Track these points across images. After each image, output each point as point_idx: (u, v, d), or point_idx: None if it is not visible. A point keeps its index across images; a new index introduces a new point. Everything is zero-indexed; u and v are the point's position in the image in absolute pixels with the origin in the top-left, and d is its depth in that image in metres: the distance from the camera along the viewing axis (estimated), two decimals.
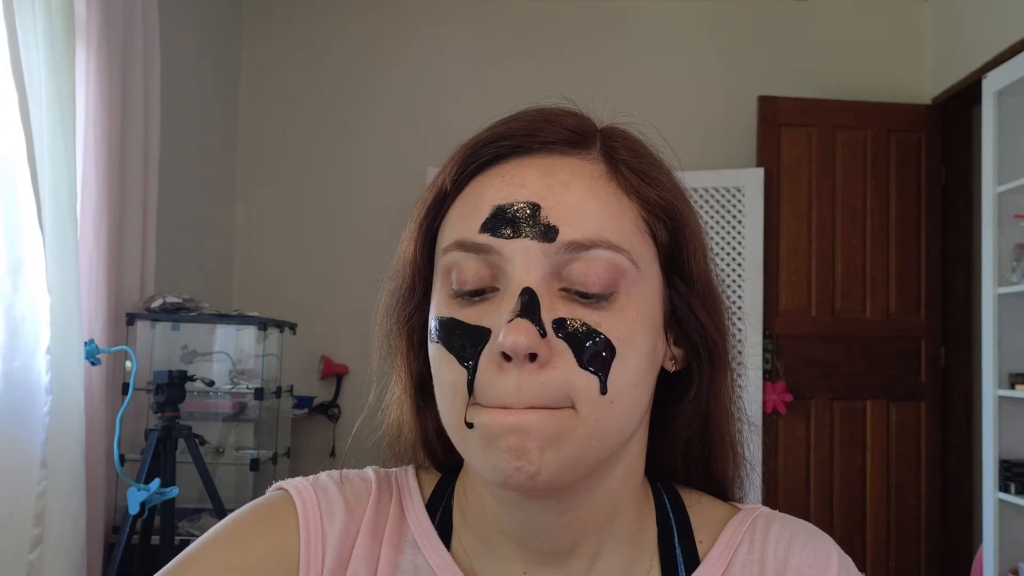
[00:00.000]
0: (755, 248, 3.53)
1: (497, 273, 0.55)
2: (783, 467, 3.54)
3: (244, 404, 2.90)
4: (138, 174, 2.75)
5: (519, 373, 0.52)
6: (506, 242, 0.54)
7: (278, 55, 3.92)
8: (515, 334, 0.51)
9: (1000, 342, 2.78)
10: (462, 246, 0.56)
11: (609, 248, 0.54)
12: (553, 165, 0.57)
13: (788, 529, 0.62)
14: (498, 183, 0.56)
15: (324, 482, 0.64)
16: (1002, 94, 2.83)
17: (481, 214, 0.55)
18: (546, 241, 0.54)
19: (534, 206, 0.54)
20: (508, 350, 0.51)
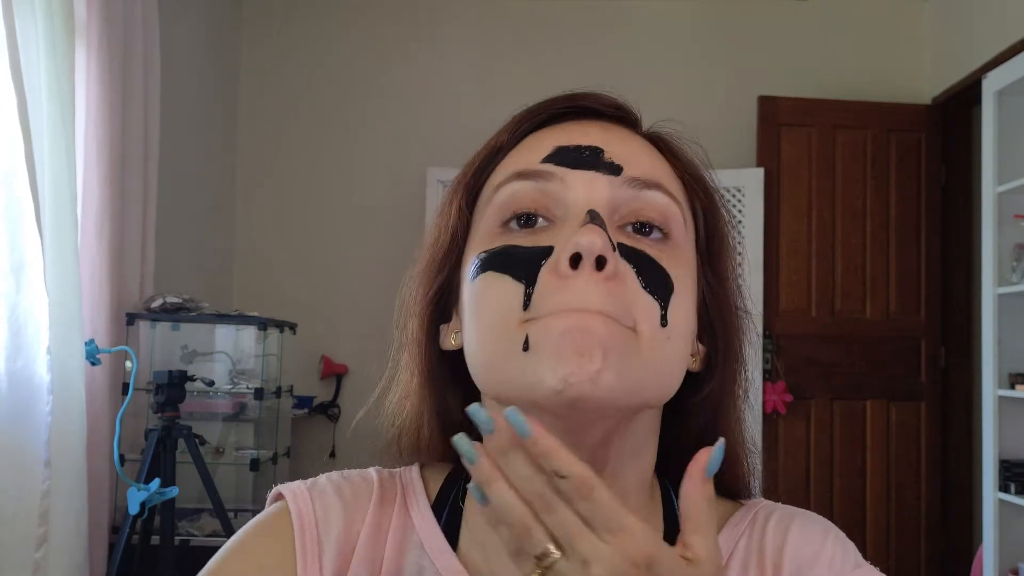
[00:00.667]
0: (755, 248, 3.53)
1: (555, 204, 0.54)
2: (783, 467, 3.54)
3: (244, 404, 2.90)
4: (138, 174, 2.75)
5: (586, 280, 0.50)
6: (570, 171, 0.54)
7: (278, 55, 3.92)
8: (590, 235, 0.49)
9: (1000, 342, 2.78)
10: (521, 175, 0.55)
11: (666, 194, 0.56)
12: (610, 127, 0.59)
13: (787, 517, 0.62)
14: (557, 133, 0.58)
15: (322, 485, 0.63)
16: (1002, 94, 2.83)
17: (542, 151, 0.56)
18: (611, 174, 0.55)
19: (597, 148, 0.56)
20: (583, 249, 0.49)
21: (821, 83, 3.77)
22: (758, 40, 3.86)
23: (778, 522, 0.61)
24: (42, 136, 2.23)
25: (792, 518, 0.62)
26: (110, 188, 2.56)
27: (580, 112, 0.60)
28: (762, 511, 0.63)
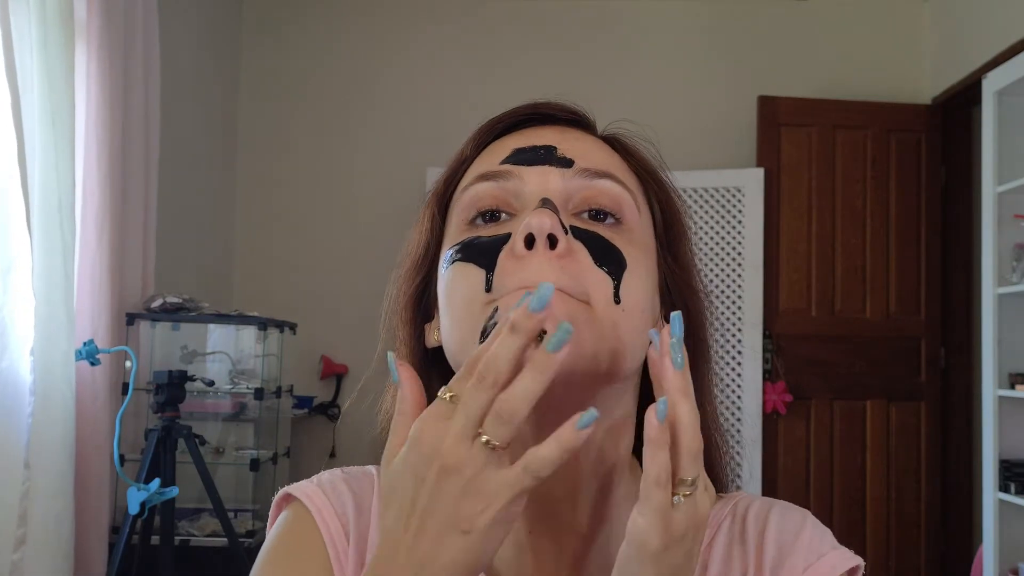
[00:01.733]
0: (755, 248, 3.53)
1: (514, 198, 0.59)
2: (783, 467, 3.54)
3: (244, 404, 2.90)
4: (138, 174, 2.75)
5: (540, 259, 0.53)
6: (526, 168, 0.59)
7: (278, 55, 3.92)
8: (539, 217, 0.53)
9: (1000, 342, 2.78)
10: (483, 176, 0.60)
11: (617, 182, 0.60)
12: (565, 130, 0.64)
13: (766, 505, 0.65)
14: (516, 138, 0.63)
15: (329, 480, 0.66)
16: (1002, 94, 2.83)
17: (502, 155, 0.61)
18: (563, 167, 0.59)
19: (551, 147, 0.60)
20: (534, 230, 0.53)
21: (821, 83, 3.77)
22: (758, 40, 3.86)
23: (758, 510, 0.64)
24: (34, 137, 2.23)
25: (772, 506, 0.65)
26: (110, 188, 2.56)
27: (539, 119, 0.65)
28: (742, 501, 0.66)
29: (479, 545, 0.47)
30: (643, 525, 0.48)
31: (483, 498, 0.46)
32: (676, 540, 0.48)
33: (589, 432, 0.46)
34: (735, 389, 3.52)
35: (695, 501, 0.49)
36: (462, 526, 0.46)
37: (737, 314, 3.54)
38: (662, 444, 0.48)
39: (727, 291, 3.55)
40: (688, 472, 0.49)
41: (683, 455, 0.48)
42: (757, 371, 3.50)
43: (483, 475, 0.47)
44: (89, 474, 2.43)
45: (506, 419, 0.46)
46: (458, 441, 0.47)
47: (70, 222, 2.40)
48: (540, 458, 0.46)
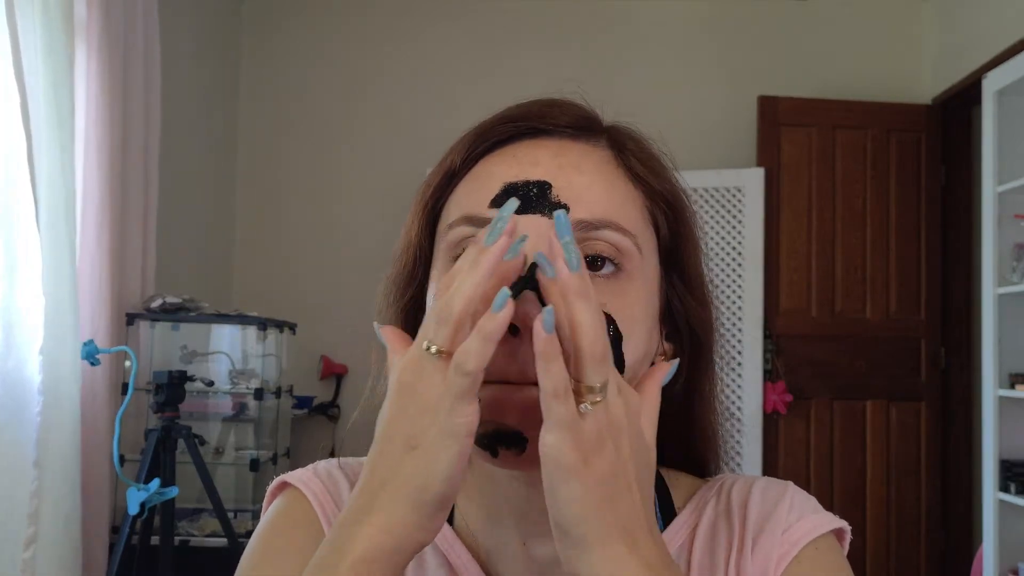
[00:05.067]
0: (755, 248, 3.53)
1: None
2: (783, 467, 3.54)
3: (244, 404, 2.90)
4: (138, 174, 2.75)
5: (525, 348, 0.49)
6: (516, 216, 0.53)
7: (278, 55, 3.92)
8: (525, 306, 0.49)
9: (1000, 342, 2.78)
10: (470, 220, 0.56)
11: (617, 230, 0.56)
12: (564, 147, 0.58)
13: (749, 480, 0.65)
14: (509, 161, 0.57)
15: (324, 467, 0.68)
16: (1002, 94, 2.83)
17: (490, 190, 0.56)
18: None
19: (545, 184, 0.55)
20: (519, 322, 0.49)
21: (821, 83, 3.77)
22: (758, 40, 3.86)
23: (742, 485, 0.65)
24: (40, 137, 2.23)
25: (755, 480, 0.65)
26: (110, 188, 2.56)
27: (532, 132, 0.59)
28: (727, 480, 0.66)
29: (430, 459, 0.47)
30: (551, 442, 0.45)
31: (430, 411, 0.47)
32: (593, 450, 0.46)
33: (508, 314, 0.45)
34: (735, 389, 3.52)
35: (606, 406, 0.46)
36: (411, 442, 0.47)
37: (737, 314, 3.54)
38: (552, 356, 0.45)
39: (727, 291, 3.55)
40: (593, 378, 0.46)
41: (585, 360, 0.46)
42: (757, 371, 3.50)
43: (430, 387, 0.47)
44: (90, 474, 2.43)
45: (444, 318, 0.47)
46: (411, 358, 0.48)
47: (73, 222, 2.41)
48: (464, 351, 0.45)
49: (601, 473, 0.46)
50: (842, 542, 0.63)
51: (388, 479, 0.48)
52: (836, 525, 0.62)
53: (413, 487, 0.47)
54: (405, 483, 0.47)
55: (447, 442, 0.46)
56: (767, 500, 0.62)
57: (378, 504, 0.48)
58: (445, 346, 0.47)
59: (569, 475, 0.46)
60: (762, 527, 0.61)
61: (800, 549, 0.59)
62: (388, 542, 0.47)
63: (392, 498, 0.47)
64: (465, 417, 0.46)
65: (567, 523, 0.46)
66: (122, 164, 2.64)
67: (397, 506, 0.47)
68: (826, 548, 0.60)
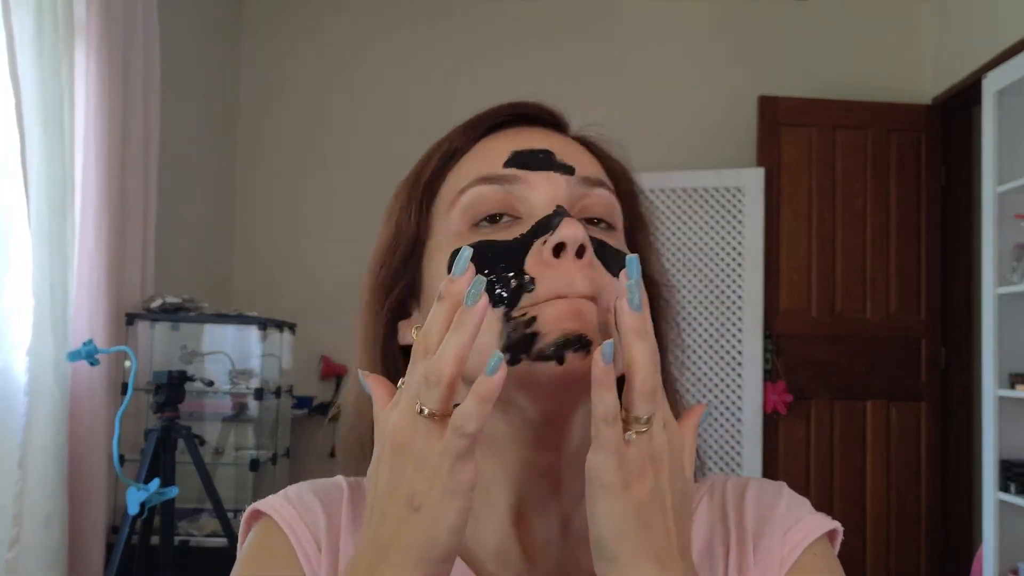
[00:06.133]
0: (755, 248, 3.53)
1: (519, 202, 0.59)
2: (783, 467, 3.54)
3: (244, 404, 2.90)
4: (138, 174, 2.75)
5: (570, 266, 0.54)
6: (532, 172, 0.60)
7: (278, 55, 3.92)
8: (572, 228, 0.54)
9: (1000, 342, 2.77)
10: (486, 179, 0.60)
11: (609, 190, 0.63)
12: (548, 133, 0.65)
13: (742, 481, 0.67)
14: (510, 137, 0.63)
15: (296, 491, 0.66)
16: (1002, 94, 2.82)
17: (500, 156, 0.61)
18: (566, 174, 0.60)
19: (549, 151, 0.61)
20: (567, 239, 0.54)
21: (821, 83, 3.77)
22: (758, 40, 3.86)
23: (735, 485, 0.66)
24: (35, 137, 2.23)
25: (748, 481, 0.66)
26: (110, 188, 2.55)
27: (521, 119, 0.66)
28: (718, 480, 0.67)
29: (432, 521, 0.48)
30: (596, 463, 0.49)
31: (429, 471, 0.48)
32: (635, 475, 0.49)
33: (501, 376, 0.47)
34: (735, 389, 3.52)
35: (650, 437, 0.49)
36: (413, 503, 0.48)
37: (737, 314, 3.54)
38: (607, 385, 0.48)
39: (727, 291, 3.55)
40: (641, 410, 0.49)
41: (636, 393, 0.49)
42: (757, 371, 3.50)
43: (427, 448, 0.48)
44: (86, 474, 2.43)
45: (434, 382, 0.48)
46: (403, 417, 0.50)
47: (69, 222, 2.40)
48: (462, 413, 0.47)
49: (639, 498, 0.49)
50: (833, 542, 0.64)
51: (394, 540, 0.49)
52: (831, 526, 0.63)
53: (420, 547, 0.48)
54: (411, 543, 0.48)
55: (451, 500, 0.48)
56: (763, 500, 0.64)
57: (385, 566, 0.49)
58: (437, 409, 0.48)
59: (610, 495, 0.48)
60: (763, 528, 0.62)
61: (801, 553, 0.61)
62: None
63: (400, 559, 0.48)
64: (467, 475, 0.48)
65: (603, 540, 0.49)
66: (122, 164, 2.64)
67: (405, 567, 0.48)
68: (822, 552, 0.62)
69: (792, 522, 0.62)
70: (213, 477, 2.39)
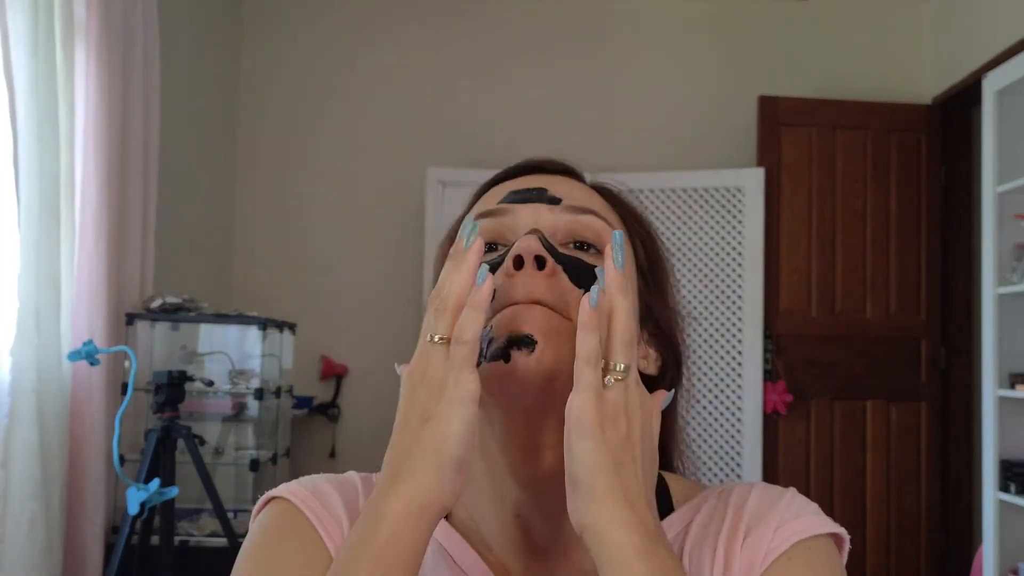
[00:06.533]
0: (755, 248, 3.53)
1: (508, 231, 0.66)
2: (783, 467, 3.54)
3: (244, 404, 2.90)
4: (138, 174, 2.75)
5: (526, 276, 0.60)
6: (519, 205, 0.66)
7: (278, 55, 3.92)
8: (527, 241, 0.60)
9: (1000, 342, 2.77)
10: (482, 215, 0.67)
11: (600, 218, 0.66)
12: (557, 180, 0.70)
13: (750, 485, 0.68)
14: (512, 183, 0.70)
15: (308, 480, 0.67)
16: (1002, 94, 2.82)
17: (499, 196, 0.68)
18: (552, 204, 0.66)
19: (542, 188, 0.68)
20: (522, 251, 0.59)
21: (821, 83, 3.77)
22: (758, 40, 3.86)
23: (741, 489, 0.67)
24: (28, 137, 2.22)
25: (755, 484, 0.68)
26: (109, 188, 2.55)
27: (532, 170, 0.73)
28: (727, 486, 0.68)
29: (443, 425, 0.54)
30: (577, 402, 0.53)
31: (438, 387, 0.55)
32: (610, 419, 0.54)
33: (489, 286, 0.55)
34: (735, 389, 3.52)
35: (626, 386, 0.55)
36: (425, 416, 0.55)
37: (737, 314, 3.54)
38: (591, 327, 0.54)
39: (727, 291, 3.55)
40: (619, 357, 0.55)
41: (615, 340, 0.55)
42: (757, 371, 3.50)
43: (436, 370, 0.55)
44: (86, 474, 2.43)
45: (441, 310, 0.56)
46: (419, 355, 0.57)
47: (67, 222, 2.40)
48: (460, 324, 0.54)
49: (612, 441, 0.53)
50: (841, 550, 0.63)
51: (409, 450, 0.54)
52: (834, 530, 0.63)
53: (431, 452, 0.53)
54: (424, 450, 0.54)
55: (456, 408, 0.54)
56: (765, 499, 0.64)
57: (403, 474, 0.54)
58: (446, 333, 0.56)
59: (587, 434, 0.53)
60: (757, 521, 0.62)
61: (791, 545, 0.60)
62: (415, 504, 0.53)
63: (414, 465, 0.54)
64: (470, 384, 0.54)
65: (580, 475, 0.53)
66: (121, 164, 2.63)
67: (420, 471, 0.53)
68: (821, 549, 0.61)
69: (788, 518, 0.62)
70: (213, 477, 2.39)
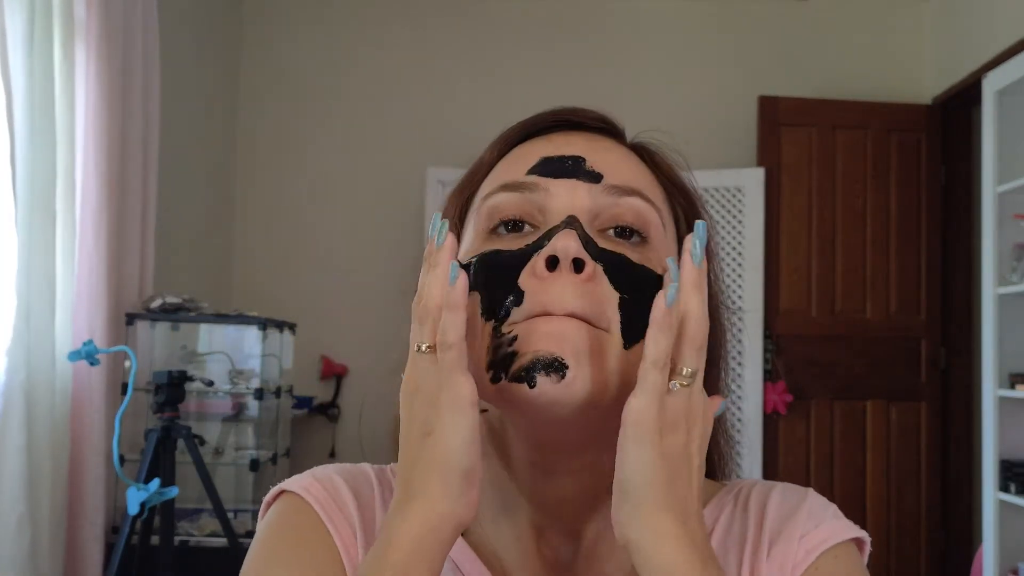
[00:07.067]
0: (755, 248, 3.53)
1: (539, 211, 0.57)
2: (783, 467, 3.54)
3: (244, 404, 2.90)
4: (138, 174, 2.75)
5: (563, 281, 0.52)
6: (553, 180, 0.57)
7: (278, 55, 3.92)
8: (565, 239, 0.52)
9: (1000, 342, 2.77)
10: (507, 187, 0.59)
11: (644, 200, 0.59)
12: (594, 137, 0.62)
13: (768, 485, 0.66)
14: (544, 143, 0.61)
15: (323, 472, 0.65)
16: (1002, 94, 2.82)
17: (527, 163, 0.59)
18: (591, 182, 0.58)
19: (580, 158, 0.59)
20: (559, 252, 0.52)
21: (821, 83, 3.77)
22: (758, 40, 3.86)
23: (761, 489, 0.65)
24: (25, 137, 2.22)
25: (774, 485, 0.66)
26: (109, 188, 2.55)
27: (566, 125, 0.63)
28: (746, 485, 0.66)
29: (444, 436, 0.50)
30: (637, 405, 0.49)
31: (432, 398, 0.51)
32: (670, 426, 0.49)
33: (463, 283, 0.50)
34: (735, 389, 3.52)
35: (690, 393, 0.50)
36: (425, 429, 0.51)
37: (737, 314, 3.54)
38: (665, 327, 0.48)
39: (727, 291, 3.55)
40: (688, 362, 0.50)
41: (686, 344, 0.50)
42: (757, 371, 3.50)
43: (429, 380, 0.51)
44: (86, 474, 2.43)
45: (423, 317, 0.52)
46: (410, 367, 0.53)
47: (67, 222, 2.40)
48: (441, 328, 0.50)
49: (671, 450, 0.49)
50: (862, 551, 0.62)
51: (414, 466, 0.51)
52: (855, 534, 0.61)
53: (436, 468, 0.50)
54: (428, 466, 0.51)
55: (454, 417, 0.50)
56: (785, 505, 0.62)
57: (411, 492, 0.51)
58: (431, 340, 0.51)
59: (644, 440, 0.49)
60: (779, 531, 0.60)
61: (817, 556, 0.59)
62: (428, 524, 0.50)
63: (422, 482, 0.51)
64: (463, 388, 0.50)
65: (632, 484, 0.49)
66: (121, 164, 2.63)
67: (428, 488, 0.50)
68: (845, 556, 0.60)
69: (811, 527, 0.60)
70: (213, 477, 2.39)
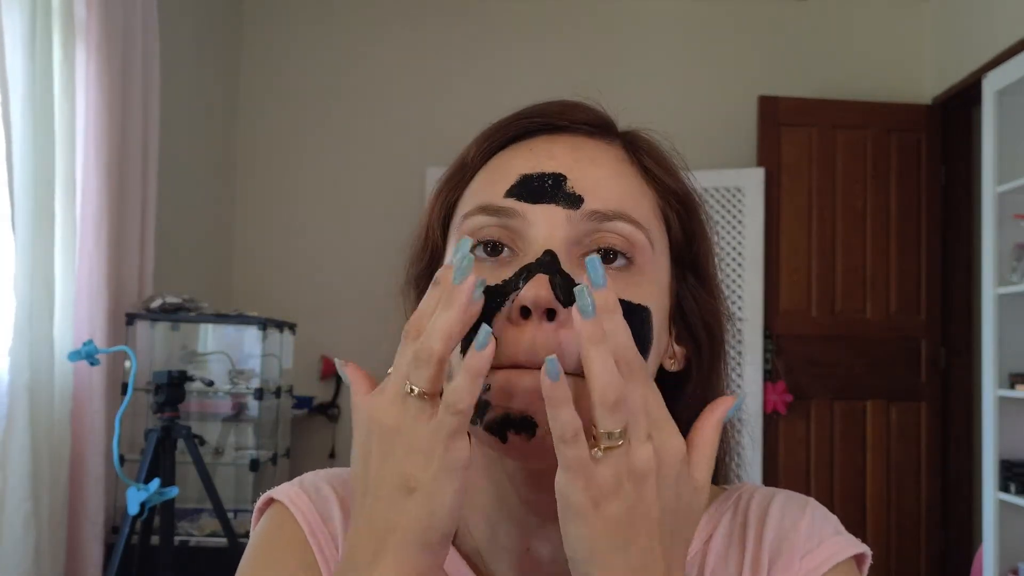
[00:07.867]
0: (755, 248, 3.53)
1: (517, 238, 0.55)
2: (783, 467, 3.54)
3: (244, 404, 2.90)
4: (138, 174, 2.75)
5: (536, 330, 0.50)
6: (531, 206, 0.55)
7: (278, 54, 3.92)
8: (537, 288, 0.50)
9: (1000, 342, 2.77)
10: (485, 210, 0.56)
11: (629, 222, 0.56)
12: (579, 143, 0.59)
13: (769, 494, 0.64)
14: (525, 154, 0.58)
15: (311, 481, 0.65)
16: (1002, 94, 2.82)
17: (507, 181, 0.57)
18: (571, 208, 0.55)
19: (560, 176, 0.56)
20: (529, 303, 0.50)
21: (821, 83, 3.77)
22: (758, 40, 3.86)
23: (761, 499, 0.63)
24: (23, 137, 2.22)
25: (774, 494, 0.64)
26: (109, 188, 2.55)
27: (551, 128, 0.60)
28: (745, 492, 0.65)
29: (429, 502, 0.47)
30: (561, 484, 0.46)
31: (422, 452, 0.47)
32: (607, 494, 0.46)
33: (491, 350, 0.46)
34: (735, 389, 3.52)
35: (626, 451, 0.46)
36: (408, 485, 0.47)
37: (737, 314, 3.54)
38: (558, 401, 0.45)
39: (727, 291, 3.54)
40: (606, 424, 0.46)
41: (597, 406, 0.46)
42: (757, 371, 3.50)
43: (417, 428, 0.47)
44: (86, 474, 2.43)
45: (424, 359, 0.47)
46: (392, 402, 0.48)
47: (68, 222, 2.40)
48: (453, 390, 0.46)
49: (614, 517, 0.46)
50: (861, 567, 0.61)
51: (392, 526, 0.47)
52: (856, 550, 0.60)
53: (420, 529, 0.47)
54: (410, 526, 0.47)
55: (446, 480, 0.47)
56: (786, 520, 0.61)
57: (385, 551, 0.47)
58: (427, 388, 0.47)
59: (577, 517, 0.46)
60: (779, 550, 0.59)
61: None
62: None
63: (401, 543, 0.47)
64: (461, 453, 0.47)
65: (574, 562, 0.47)
66: (121, 164, 2.63)
67: (406, 550, 0.47)
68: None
69: (812, 546, 0.59)
70: (213, 477, 2.39)
